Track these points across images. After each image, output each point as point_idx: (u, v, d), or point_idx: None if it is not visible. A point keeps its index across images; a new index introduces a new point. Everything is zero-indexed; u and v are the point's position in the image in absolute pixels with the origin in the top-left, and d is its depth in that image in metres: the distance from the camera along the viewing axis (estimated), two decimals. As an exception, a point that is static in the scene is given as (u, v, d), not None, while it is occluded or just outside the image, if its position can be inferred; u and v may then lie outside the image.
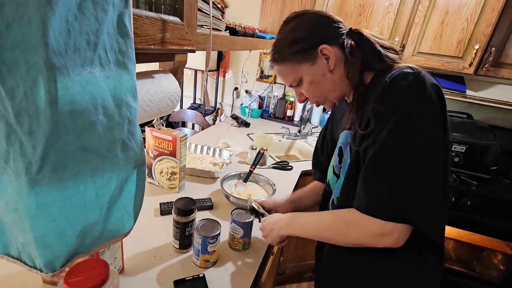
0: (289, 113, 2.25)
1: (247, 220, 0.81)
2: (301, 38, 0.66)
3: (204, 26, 0.79)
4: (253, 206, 0.87)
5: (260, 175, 1.19)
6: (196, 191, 1.12)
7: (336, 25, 0.67)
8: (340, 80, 0.67)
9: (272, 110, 2.34)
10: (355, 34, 0.67)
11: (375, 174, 0.55)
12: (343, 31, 0.67)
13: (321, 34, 0.66)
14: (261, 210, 0.86)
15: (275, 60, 0.71)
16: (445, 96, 0.55)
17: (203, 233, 0.72)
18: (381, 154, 0.54)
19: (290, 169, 1.45)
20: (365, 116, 0.58)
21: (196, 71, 2.47)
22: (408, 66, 0.57)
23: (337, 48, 0.66)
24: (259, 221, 0.83)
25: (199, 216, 0.86)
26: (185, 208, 0.75)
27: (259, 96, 2.30)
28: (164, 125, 2.14)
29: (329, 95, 0.70)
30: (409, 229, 0.55)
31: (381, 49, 0.64)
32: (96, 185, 0.39)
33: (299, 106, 2.23)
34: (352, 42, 0.66)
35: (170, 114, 2.18)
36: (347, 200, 0.62)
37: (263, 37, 1.49)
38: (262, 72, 2.42)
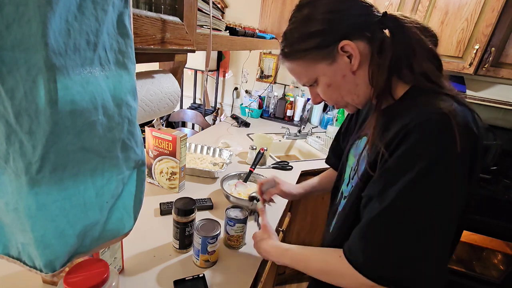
0: (289, 113, 2.25)
1: (242, 217, 0.82)
2: (317, 32, 0.53)
3: (204, 26, 0.79)
4: (254, 198, 0.86)
5: (260, 175, 1.19)
6: (196, 191, 1.12)
7: (364, 10, 0.53)
8: (365, 83, 0.56)
9: (272, 110, 2.34)
10: (390, 21, 0.53)
11: (375, 235, 0.49)
12: (374, 18, 0.53)
13: (342, 26, 0.52)
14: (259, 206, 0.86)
15: (285, 56, 0.59)
16: None
17: (203, 233, 0.72)
18: (386, 215, 0.47)
19: (290, 169, 1.45)
20: (377, 149, 0.50)
21: (196, 71, 2.47)
22: (440, 108, 0.45)
23: (363, 43, 0.53)
24: (258, 224, 0.82)
25: (199, 216, 0.86)
26: (185, 208, 0.75)
27: (259, 96, 2.30)
28: (164, 125, 2.14)
29: (350, 100, 0.59)
30: None
31: (419, 51, 0.52)
32: (96, 185, 0.39)
33: (299, 106, 2.23)
34: (386, 35, 0.53)
35: (170, 114, 2.18)
36: (345, 222, 0.60)
37: (263, 37, 1.49)
38: (262, 72, 2.42)
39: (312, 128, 2.07)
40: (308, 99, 2.18)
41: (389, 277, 0.48)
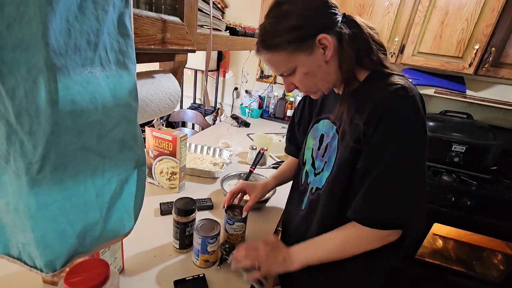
0: (289, 113, 2.25)
1: (241, 216, 0.82)
2: (298, 26, 0.60)
3: (204, 26, 0.79)
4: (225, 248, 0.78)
5: (260, 175, 1.19)
6: (196, 191, 1.12)
7: (333, 10, 0.62)
8: (335, 71, 0.65)
9: (272, 110, 2.34)
10: (350, 21, 0.64)
11: (379, 193, 0.60)
12: (339, 18, 0.62)
13: (318, 21, 0.61)
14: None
15: (266, 48, 0.64)
16: (445, 96, 0.60)
17: (202, 233, 0.72)
18: (385, 175, 0.59)
19: (290, 169, 1.45)
20: (358, 126, 0.60)
21: (196, 71, 2.47)
22: (400, 84, 0.58)
23: (334, 37, 0.62)
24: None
25: (199, 216, 0.86)
26: (185, 208, 0.75)
27: (259, 96, 2.30)
28: (164, 125, 2.14)
29: (322, 86, 0.68)
30: None
31: (374, 45, 0.63)
32: (96, 185, 0.39)
33: (299, 106, 2.23)
34: (349, 32, 0.63)
35: (170, 114, 2.18)
36: (334, 194, 0.67)
37: (263, 37, 1.48)
38: (262, 72, 2.42)
39: (312, 128, 2.06)
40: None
41: (398, 222, 0.61)
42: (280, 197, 1.10)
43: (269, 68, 0.70)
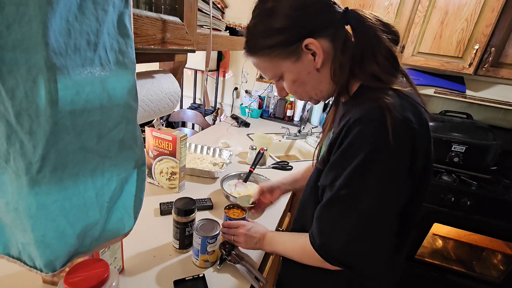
0: (289, 113, 2.25)
1: (241, 216, 0.83)
2: (281, 28, 0.53)
3: (204, 26, 0.79)
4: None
5: (260, 175, 1.19)
6: (196, 191, 1.12)
7: (327, 8, 0.53)
8: (328, 80, 0.57)
9: (272, 110, 2.34)
10: (352, 17, 0.53)
11: (325, 221, 0.55)
12: (337, 15, 0.53)
13: (306, 23, 0.52)
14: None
15: (249, 51, 0.59)
16: (445, 97, 0.54)
17: (202, 233, 0.72)
18: (333, 204, 0.53)
19: (290, 169, 1.45)
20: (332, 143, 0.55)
21: (196, 71, 2.47)
22: (376, 105, 0.48)
23: (327, 41, 0.53)
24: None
25: (199, 216, 0.86)
26: (185, 208, 0.75)
27: (259, 96, 2.30)
28: (164, 125, 2.14)
29: (315, 95, 0.61)
30: None
31: (378, 50, 0.52)
32: (96, 185, 0.39)
33: (299, 106, 2.23)
34: (348, 32, 0.54)
35: (170, 114, 2.18)
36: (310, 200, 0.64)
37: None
38: (262, 72, 2.41)
39: (312, 128, 2.07)
40: (308, 99, 2.18)
41: (339, 260, 0.54)
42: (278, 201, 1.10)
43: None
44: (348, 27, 0.55)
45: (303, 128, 2.07)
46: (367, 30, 0.52)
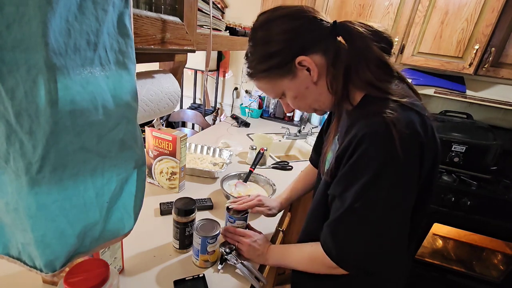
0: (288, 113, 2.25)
1: (243, 214, 0.84)
2: (274, 52, 0.57)
3: (204, 26, 0.79)
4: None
5: (260, 175, 1.19)
6: (196, 191, 1.12)
7: (315, 25, 0.56)
8: (327, 91, 0.60)
9: (272, 110, 2.34)
10: (341, 29, 0.56)
11: (341, 233, 0.56)
12: (326, 30, 0.56)
13: (297, 43, 0.56)
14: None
15: (250, 76, 0.64)
16: (445, 97, 0.55)
17: (202, 233, 0.72)
18: (348, 216, 0.55)
19: (290, 169, 1.45)
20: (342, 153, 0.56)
21: (196, 71, 2.47)
22: (380, 118, 0.50)
23: (319, 55, 0.57)
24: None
25: (199, 216, 0.86)
26: (185, 208, 0.75)
27: (259, 96, 2.30)
28: (164, 125, 2.14)
29: (318, 107, 0.65)
30: None
31: (368, 58, 0.54)
32: (96, 185, 0.39)
33: (299, 106, 2.22)
34: (340, 43, 0.57)
35: (170, 114, 2.18)
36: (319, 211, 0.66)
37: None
38: (262, 72, 2.41)
39: (312, 128, 2.07)
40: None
41: (360, 267, 0.56)
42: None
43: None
44: (340, 38, 0.57)
45: (303, 128, 2.07)
46: (356, 41, 0.55)
